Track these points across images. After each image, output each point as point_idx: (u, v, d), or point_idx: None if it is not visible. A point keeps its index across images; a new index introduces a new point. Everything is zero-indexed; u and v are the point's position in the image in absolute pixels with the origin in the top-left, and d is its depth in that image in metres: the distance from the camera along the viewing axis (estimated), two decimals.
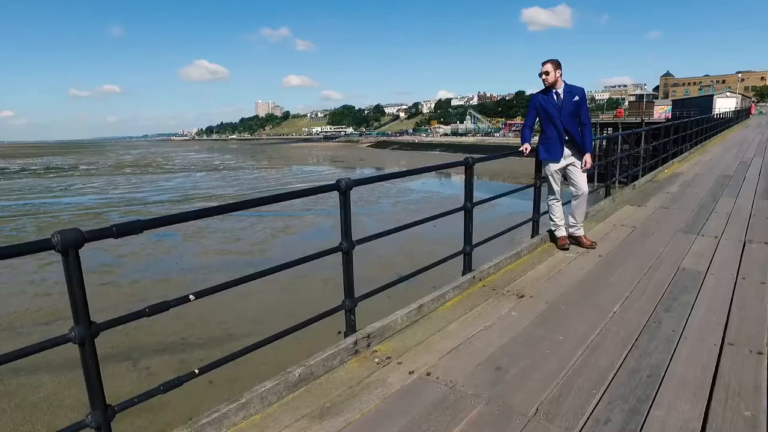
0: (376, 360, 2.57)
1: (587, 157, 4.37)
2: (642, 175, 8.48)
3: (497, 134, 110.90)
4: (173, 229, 20.37)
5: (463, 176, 3.47)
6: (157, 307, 1.83)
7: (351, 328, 2.68)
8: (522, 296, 3.38)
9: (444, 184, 38.67)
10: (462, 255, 3.59)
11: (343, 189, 2.48)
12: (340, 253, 2.59)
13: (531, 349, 2.63)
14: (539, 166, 4.63)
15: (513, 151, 4.36)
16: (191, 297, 1.94)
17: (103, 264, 15.10)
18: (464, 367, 2.48)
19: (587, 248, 4.49)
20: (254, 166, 61.62)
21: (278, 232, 19.23)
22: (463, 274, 3.61)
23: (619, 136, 9.57)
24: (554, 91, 4.24)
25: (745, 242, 4.54)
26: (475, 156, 3.54)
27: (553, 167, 4.45)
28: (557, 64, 4.19)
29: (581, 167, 4.38)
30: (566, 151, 4.37)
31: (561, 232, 4.60)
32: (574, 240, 4.63)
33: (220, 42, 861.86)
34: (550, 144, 4.36)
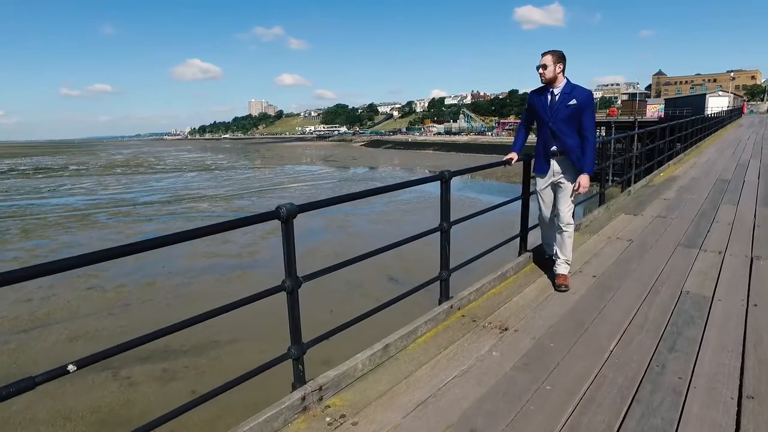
0: (328, 419, 2.14)
1: (582, 179, 3.47)
2: (635, 180, 8.07)
3: (489, 133, 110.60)
4: (161, 231, 19.98)
5: (457, 175, 3.02)
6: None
7: (300, 379, 2.24)
8: (505, 329, 2.96)
9: (437, 183, 38.18)
10: (438, 281, 3.16)
11: (284, 217, 2.04)
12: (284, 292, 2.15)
13: (513, 404, 2.20)
14: (528, 178, 4.08)
15: (498, 162, 3.78)
16: (70, 368, 1.50)
17: (89, 267, 14.62)
18: (432, 429, 2.05)
19: (557, 287, 3.65)
20: (247, 165, 61.04)
21: (267, 234, 18.80)
22: (440, 302, 3.17)
23: (612, 140, 9.19)
24: (550, 90, 3.51)
25: (752, 258, 4.14)
26: (452, 170, 3.09)
27: (538, 183, 3.76)
28: (559, 57, 3.42)
29: (572, 191, 3.56)
30: (555, 166, 3.63)
31: (560, 269, 3.72)
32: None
33: (213, 41, 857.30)
34: (537, 155, 3.71)
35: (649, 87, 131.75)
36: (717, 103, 48.17)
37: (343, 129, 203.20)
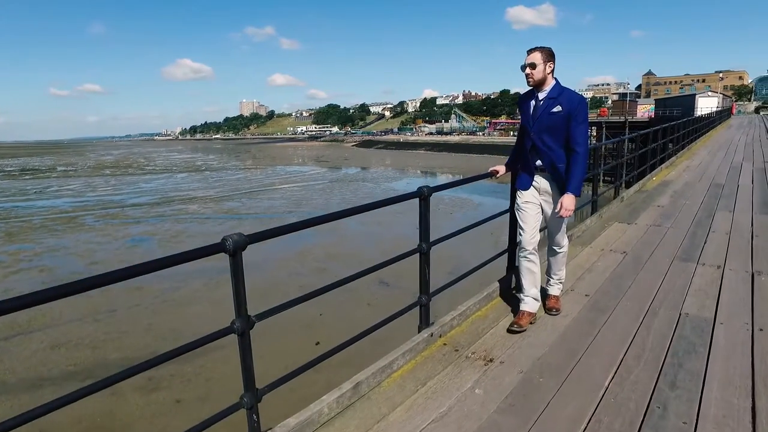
0: None
1: (565, 200, 2.95)
2: (628, 185, 7.86)
3: (481, 133, 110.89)
4: (149, 233, 19.64)
5: (450, 175, 2.71)
6: None
7: (254, 431, 1.96)
8: (490, 360, 2.69)
9: (429, 183, 37.96)
10: (418, 307, 2.88)
11: (231, 250, 1.77)
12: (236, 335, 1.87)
13: None
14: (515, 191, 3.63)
15: (482, 174, 3.43)
16: None
17: (74, 272, 14.39)
18: None
19: (548, 310, 3.30)
20: (238, 166, 60.64)
21: None
22: (420, 329, 2.89)
23: (603, 146, 8.96)
24: (537, 93, 3.01)
25: (753, 274, 3.90)
26: (431, 185, 2.82)
27: (519, 198, 3.23)
28: (549, 55, 2.90)
29: (556, 211, 3.07)
30: (540, 181, 3.12)
31: (524, 305, 3.15)
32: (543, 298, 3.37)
33: (204, 41, 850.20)
34: (522, 168, 3.22)
35: (639, 87, 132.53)
36: (706, 104, 48.37)
37: (335, 129, 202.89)
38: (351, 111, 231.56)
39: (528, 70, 2.93)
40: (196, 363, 8.59)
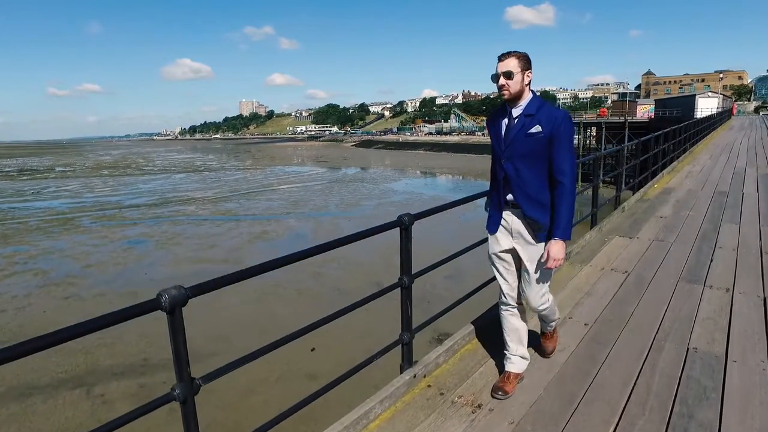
0: None
1: (553, 247, 2.33)
2: (622, 194, 7.55)
3: (480, 133, 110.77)
4: (146, 235, 19.43)
5: (448, 176, 2.31)
6: None
7: None
8: (479, 406, 2.41)
9: (428, 184, 37.92)
10: (400, 345, 2.60)
11: (168, 307, 1.49)
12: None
13: None
14: None
15: (464, 198, 3.16)
16: None
17: (69, 275, 14.28)
18: None
19: (542, 350, 2.89)
20: (237, 166, 60.55)
21: (255, 238, 18.41)
22: (402, 370, 2.62)
23: (602, 157, 8.74)
24: (510, 109, 2.38)
25: (765, 299, 3.62)
26: (413, 212, 2.55)
27: (491, 245, 2.60)
28: (526, 62, 2.31)
29: (537, 261, 2.44)
30: (510, 220, 2.48)
31: (510, 365, 2.63)
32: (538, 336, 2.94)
33: (203, 41, 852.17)
34: (491, 203, 2.60)
35: (638, 87, 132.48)
36: (707, 104, 48.04)
37: (335, 129, 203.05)
38: (350, 111, 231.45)
39: (502, 81, 2.30)
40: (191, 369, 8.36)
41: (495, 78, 2.32)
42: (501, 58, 2.30)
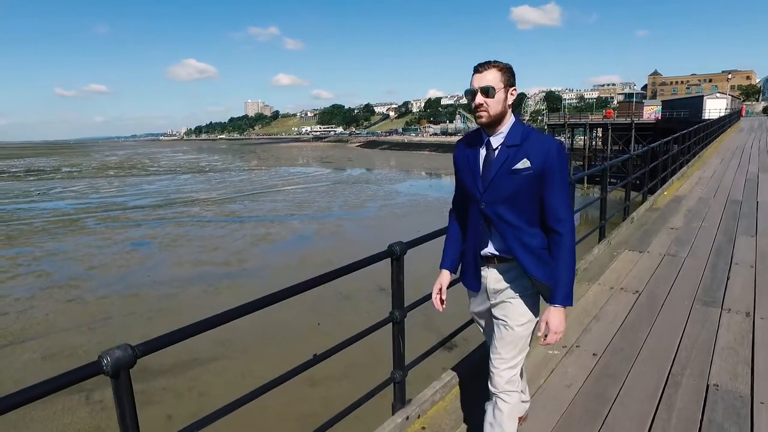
0: None
1: (552, 317, 1.84)
2: (630, 205, 7.37)
3: None
4: (149, 237, 19.40)
5: (453, 177, 1.92)
6: None
7: None
8: None
9: (433, 185, 37.80)
10: (392, 384, 2.45)
11: (111, 371, 1.32)
12: None
13: None
14: None
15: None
16: None
17: (72, 277, 14.26)
18: None
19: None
20: (242, 167, 60.53)
21: (259, 240, 18.34)
22: (394, 410, 2.44)
23: (607, 169, 8.57)
24: (487, 138, 1.84)
25: None
26: (404, 240, 2.40)
27: (471, 304, 2.12)
28: (510, 76, 1.78)
29: (525, 332, 1.92)
30: (492, 279, 1.95)
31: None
32: None
33: (208, 41, 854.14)
34: (465, 258, 2.04)
35: (645, 87, 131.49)
36: (715, 105, 47.55)
37: (340, 129, 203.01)
38: (355, 111, 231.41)
39: (480, 99, 1.75)
40: (189, 375, 8.33)
41: (470, 95, 1.79)
42: (478, 69, 1.77)
